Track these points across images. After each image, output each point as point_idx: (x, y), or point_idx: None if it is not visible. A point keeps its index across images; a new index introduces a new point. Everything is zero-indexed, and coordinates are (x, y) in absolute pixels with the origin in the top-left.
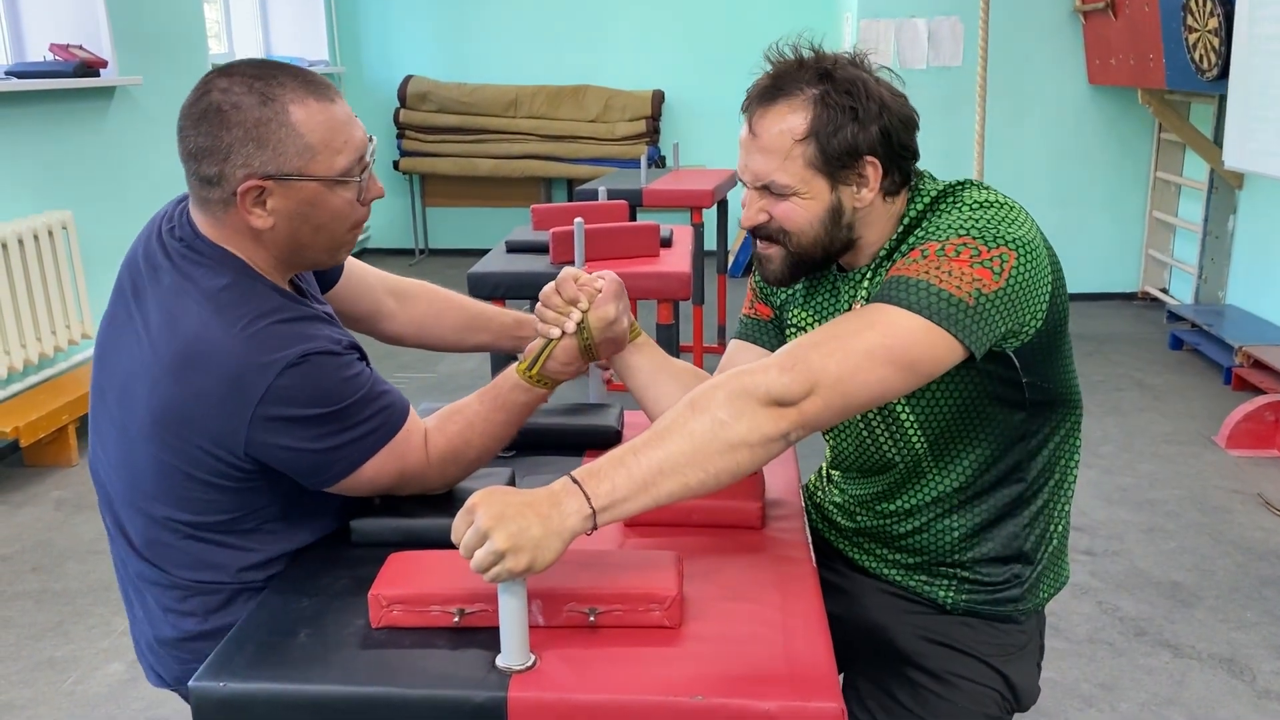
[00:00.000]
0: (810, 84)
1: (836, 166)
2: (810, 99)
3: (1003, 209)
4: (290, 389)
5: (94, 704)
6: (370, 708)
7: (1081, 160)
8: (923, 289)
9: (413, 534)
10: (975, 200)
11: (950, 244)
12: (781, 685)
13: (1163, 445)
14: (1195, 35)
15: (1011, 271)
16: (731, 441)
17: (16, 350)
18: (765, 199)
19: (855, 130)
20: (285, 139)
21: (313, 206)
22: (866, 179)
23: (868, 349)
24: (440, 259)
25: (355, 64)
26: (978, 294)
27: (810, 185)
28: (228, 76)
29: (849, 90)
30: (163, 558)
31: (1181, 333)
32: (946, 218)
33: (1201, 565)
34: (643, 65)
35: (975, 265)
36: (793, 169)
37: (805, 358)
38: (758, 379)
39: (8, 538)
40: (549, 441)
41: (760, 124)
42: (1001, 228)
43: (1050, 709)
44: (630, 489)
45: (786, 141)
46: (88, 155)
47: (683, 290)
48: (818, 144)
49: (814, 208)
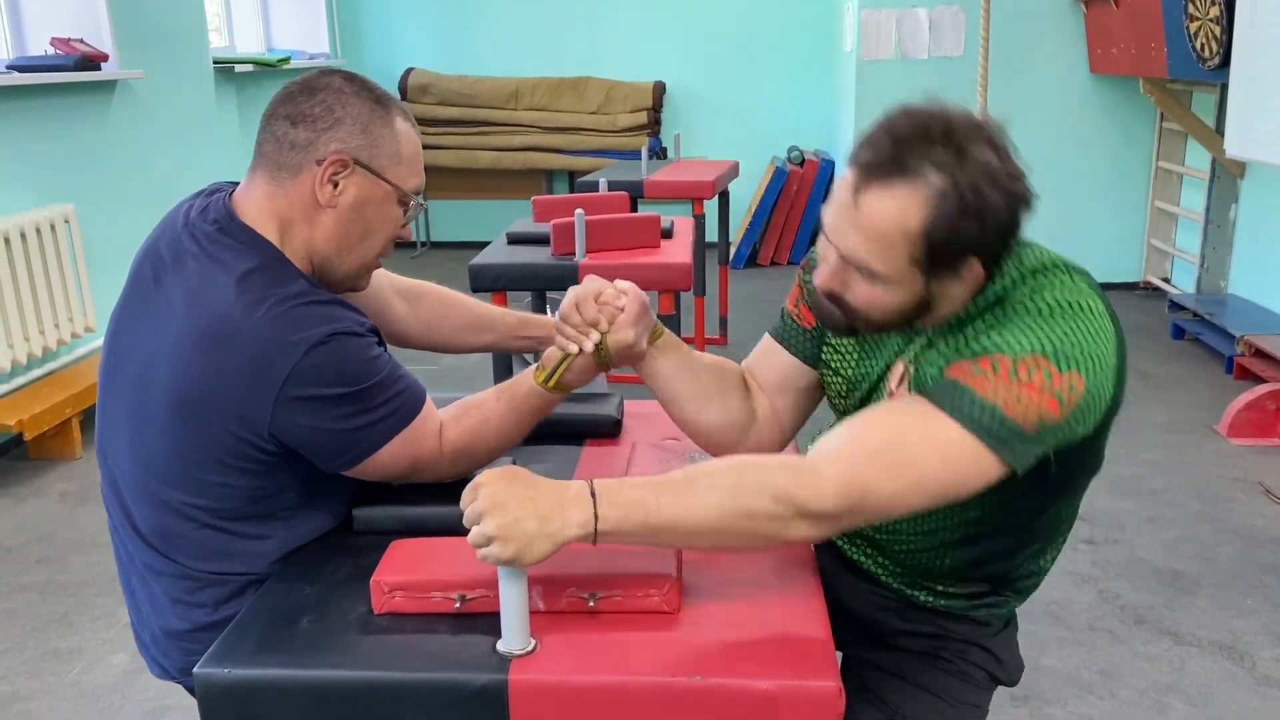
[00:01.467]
0: (938, 167)
1: (940, 264)
2: (934, 189)
3: (1082, 315)
4: (316, 368)
5: (99, 695)
6: (372, 692)
7: (1083, 150)
8: (988, 411)
9: (414, 522)
10: (1057, 300)
11: (1023, 363)
12: (779, 665)
13: (1164, 434)
14: (1197, 24)
15: (1079, 399)
16: (753, 533)
17: (20, 344)
18: (849, 271)
19: (973, 231)
20: (385, 138)
21: (376, 207)
22: (964, 278)
23: (921, 478)
24: (442, 251)
25: (356, 56)
26: (1040, 423)
27: (904, 279)
28: (349, 79)
29: (975, 186)
30: (175, 548)
31: (1183, 322)
32: (1024, 320)
33: (1202, 553)
34: (644, 56)
35: (1045, 394)
36: (892, 260)
37: (863, 481)
38: (811, 495)
39: (12, 530)
40: (550, 430)
41: (868, 199)
42: (1079, 342)
43: (1050, 696)
44: (638, 529)
45: (894, 231)
46: (89, 149)
47: (684, 281)
48: (928, 242)
49: (900, 297)
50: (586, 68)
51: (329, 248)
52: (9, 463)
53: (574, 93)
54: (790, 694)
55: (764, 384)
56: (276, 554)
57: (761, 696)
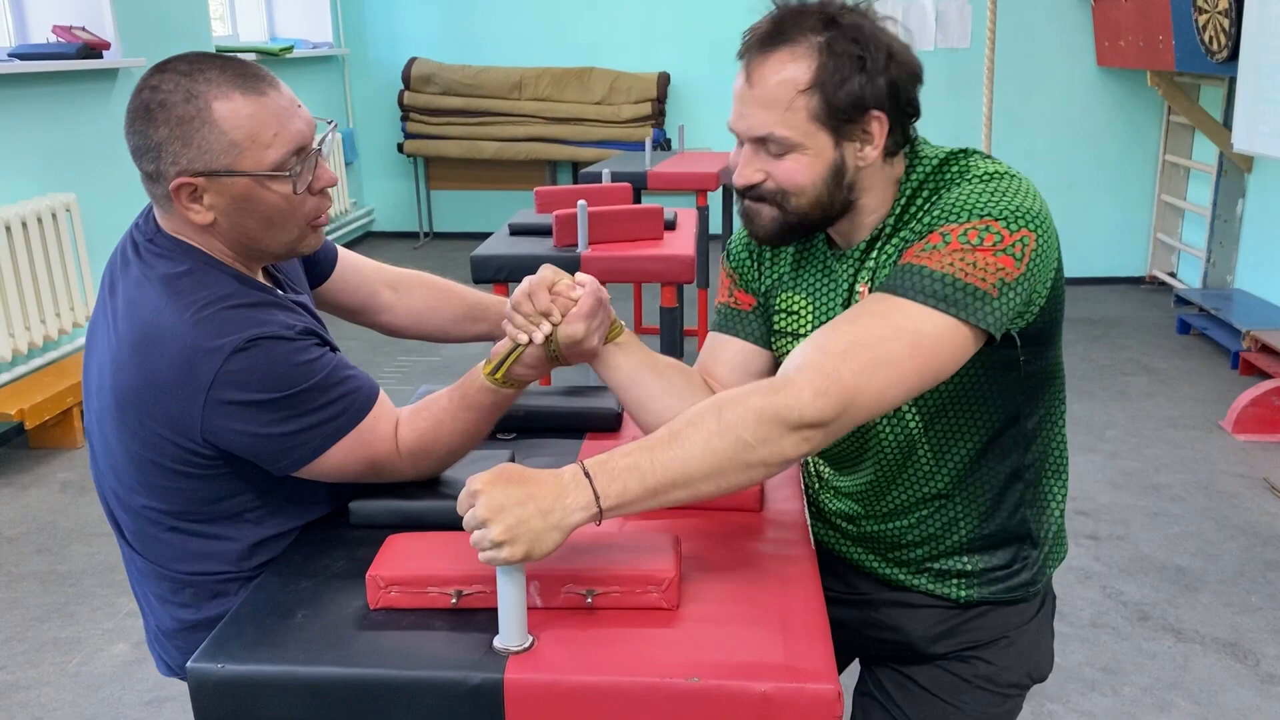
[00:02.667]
0: (815, 30)
1: (841, 120)
2: (815, 46)
3: (1014, 181)
4: (239, 373)
5: (99, 684)
6: (367, 689)
7: (1090, 143)
8: (948, 283)
9: (411, 516)
10: (985, 171)
11: (972, 229)
12: (778, 668)
13: (1169, 430)
14: (1205, 17)
15: (1031, 254)
16: (751, 462)
17: (21, 333)
18: (762, 157)
19: (863, 82)
20: (209, 136)
21: (249, 201)
22: (871, 135)
23: (898, 360)
24: (444, 242)
25: (360, 46)
26: (1001, 283)
27: (813, 140)
28: (160, 73)
29: (856, 38)
30: (150, 550)
31: (1189, 317)
32: (959, 192)
33: (1206, 550)
34: (648, 47)
35: (999, 254)
36: (795, 122)
37: (838, 376)
38: (791, 403)
39: (13, 520)
40: (549, 424)
41: (759, 72)
42: (1019, 203)
43: (1054, 693)
44: (641, 493)
45: (789, 92)
46: (91, 137)
47: (686, 273)
48: (822, 95)
49: (816, 165)
50: (591, 58)
51: (240, 242)
52: (10, 452)
53: (578, 83)
54: (788, 696)
55: (721, 379)
56: (250, 554)
57: (759, 699)
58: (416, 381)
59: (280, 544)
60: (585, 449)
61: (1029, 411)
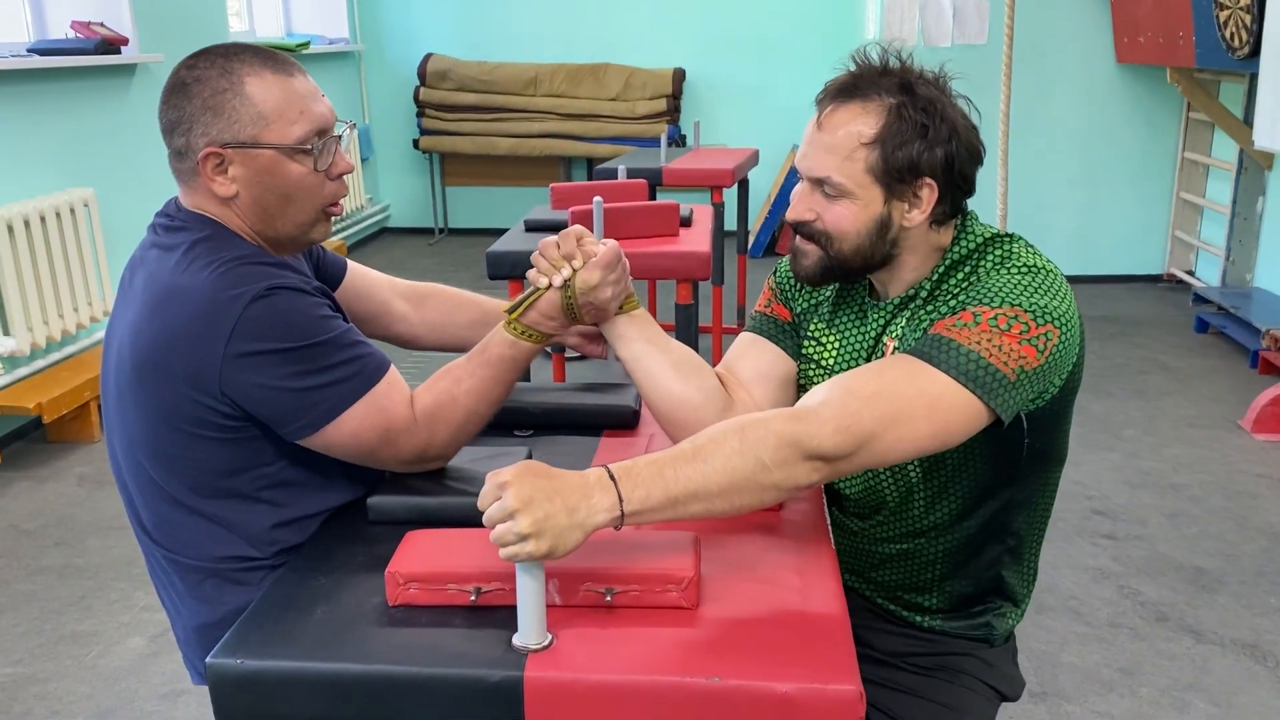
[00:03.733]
0: (889, 92)
1: (894, 179)
2: (885, 107)
3: (1050, 277)
4: (259, 320)
5: (115, 677)
6: (386, 686)
7: (1108, 140)
8: (972, 360)
9: (430, 512)
10: (1025, 264)
11: (1002, 315)
12: (799, 667)
13: (1187, 429)
14: (1226, 13)
15: (1053, 350)
16: (765, 484)
17: (39, 327)
18: (816, 197)
19: (921, 148)
20: (239, 108)
21: (271, 174)
22: (920, 200)
23: (914, 419)
24: (459, 238)
25: (375, 42)
26: (1021, 370)
27: (865, 192)
28: (197, 56)
29: (925, 108)
30: (170, 537)
31: (1207, 315)
32: (998, 279)
33: (1225, 550)
34: (664, 43)
35: (1024, 342)
36: (851, 171)
37: (860, 418)
38: (812, 432)
39: (31, 513)
40: (567, 421)
41: (829, 120)
42: (1050, 301)
43: (1070, 693)
44: (661, 502)
45: (852, 142)
46: (109, 133)
47: (702, 270)
48: (882, 152)
49: (862, 216)
50: (606, 54)
51: (260, 216)
52: (28, 445)
53: (593, 79)
54: (810, 697)
55: (742, 377)
56: (269, 538)
57: (780, 699)
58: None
59: (299, 530)
60: (602, 446)
61: (1023, 483)
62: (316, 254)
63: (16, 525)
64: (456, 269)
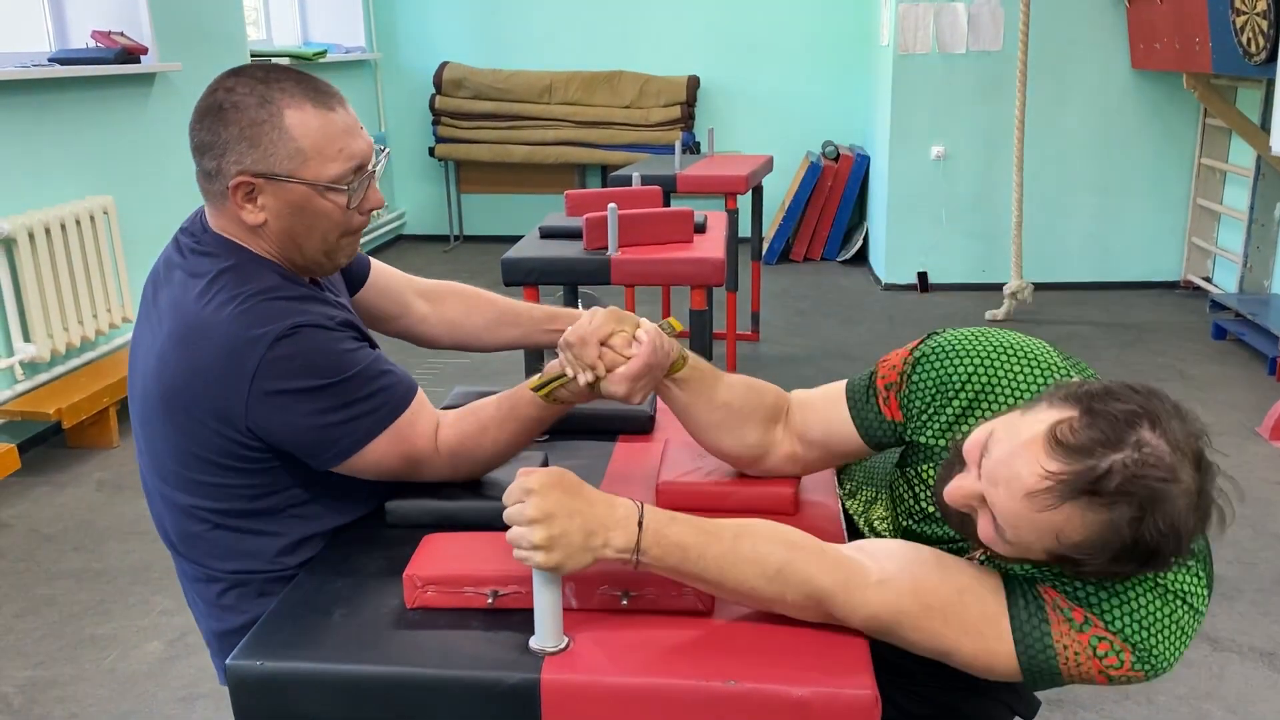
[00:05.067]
0: (1121, 499)
1: (1071, 568)
2: (1108, 525)
3: (1187, 615)
4: (283, 361)
5: (134, 681)
6: (404, 688)
7: (1124, 146)
8: (1048, 651)
9: (447, 516)
10: (1173, 590)
11: (1107, 642)
12: (814, 671)
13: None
14: (1243, 18)
15: (1118, 678)
16: (769, 604)
17: (59, 333)
18: (984, 508)
19: (1124, 569)
20: (277, 141)
21: (301, 210)
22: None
23: (947, 649)
24: (474, 245)
25: (391, 50)
26: (1073, 678)
27: (1031, 554)
28: (235, 76)
29: (1155, 534)
30: (195, 550)
31: (1225, 322)
32: (1134, 596)
33: (1243, 558)
34: (678, 50)
35: (1103, 671)
36: (1030, 542)
37: (898, 623)
38: (847, 613)
39: (51, 518)
40: (582, 426)
41: (1028, 502)
42: (1164, 645)
43: (1087, 701)
44: (673, 568)
45: (1048, 529)
46: (128, 141)
47: (716, 276)
48: (1074, 555)
49: (1011, 552)
50: (620, 62)
51: (287, 244)
52: (48, 451)
53: (607, 87)
54: (825, 700)
55: (804, 430)
56: (293, 551)
57: (796, 703)
58: (450, 383)
59: (322, 543)
60: (617, 451)
61: None
62: None
63: (36, 530)
64: (472, 275)
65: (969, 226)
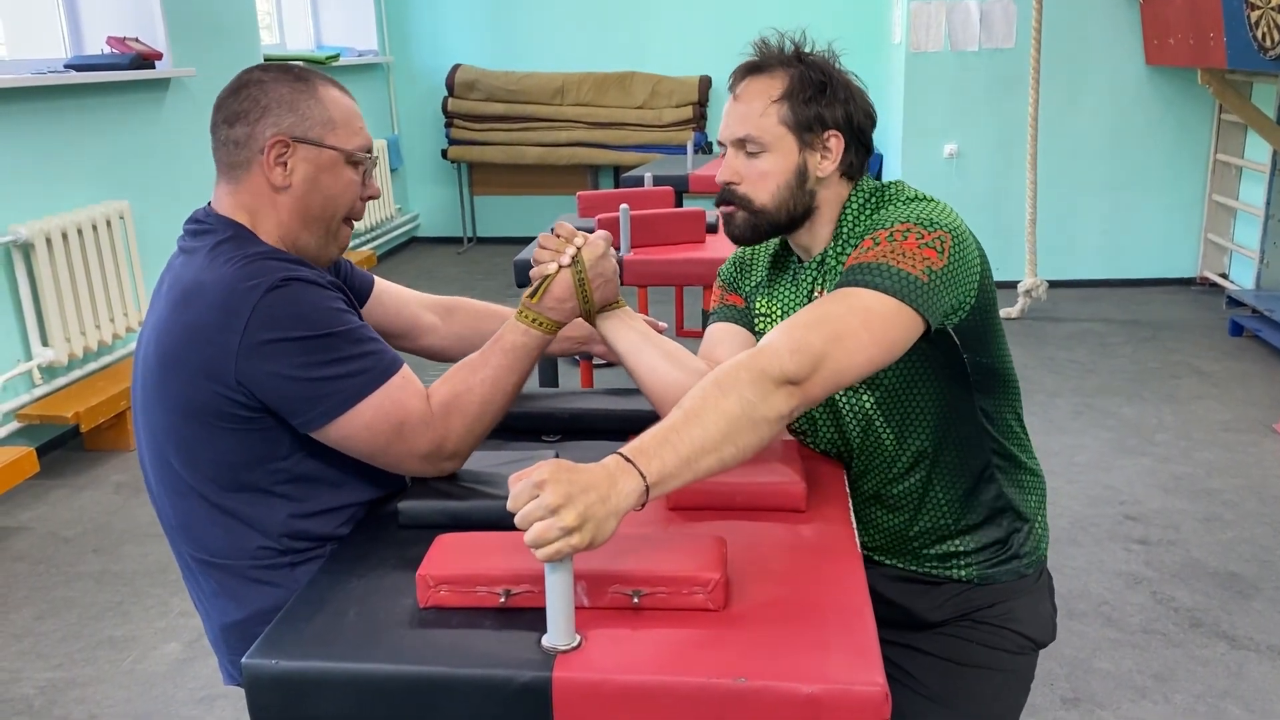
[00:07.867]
0: (788, 63)
1: (804, 129)
2: (787, 73)
3: (934, 203)
4: (274, 309)
5: (152, 682)
6: (418, 686)
7: (1139, 142)
8: (887, 272)
9: (459, 516)
10: (909, 196)
11: (896, 231)
12: (825, 668)
13: (1221, 433)
14: (1258, 13)
15: (950, 251)
16: (756, 419)
17: (76, 337)
18: (740, 158)
19: (824, 104)
20: (313, 109)
21: (328, 175)
22: (830, 150)
23: (855, 333)
24: (488, 247)
25: (404, 53)
26: (929, 271)
27: (781, 143)
28: (261, 69)
29: (823, 71)
30: (195, 536)
31: (1242, 318)
32: (886, 213)
33: (1260, 555)
34: (689, 51)
35: (922, 246)
36: (767, 125)
37: (807, 340)
38: (773, 361)
39: (69, 520)
40: (593, 426)
41: (744, 91)
42: (933, 214)
43: (1103, 699)
44: (676, 465)
45: (764, 101)
46: (144, 146)
47: None
48: (790, 105)
49: (782, 166)
50: (632, 63)
51: (296, 224)
52: (66, 454)
53: (619, 88)
54: (835, 697)
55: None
56: (287, 532)
57: (806, 700)
58: None
59: (315, 523)
60: None
61: (982, 396)
62: (344, 270)
63: (55, 532)
64: (485, 277)
65: (983, 224)
